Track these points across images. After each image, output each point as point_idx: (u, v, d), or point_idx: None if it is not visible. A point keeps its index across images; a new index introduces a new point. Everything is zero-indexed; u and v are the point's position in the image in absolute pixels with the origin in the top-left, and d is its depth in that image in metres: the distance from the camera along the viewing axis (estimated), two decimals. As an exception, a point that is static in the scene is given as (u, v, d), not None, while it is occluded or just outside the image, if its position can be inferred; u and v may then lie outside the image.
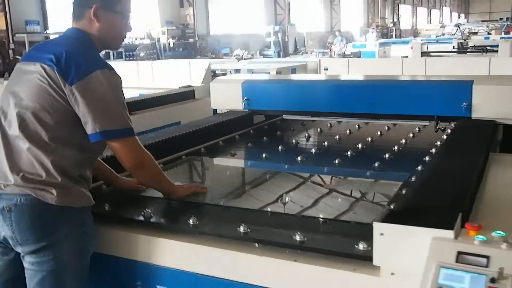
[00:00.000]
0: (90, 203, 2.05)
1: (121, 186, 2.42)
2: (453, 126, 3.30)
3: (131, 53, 17.91)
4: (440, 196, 1.93)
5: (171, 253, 2.05)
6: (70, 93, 1.93)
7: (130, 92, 6.00)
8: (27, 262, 1.96)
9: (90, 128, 1.96)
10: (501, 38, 14.40)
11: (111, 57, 15.58)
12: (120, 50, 16.48)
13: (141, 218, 2.16)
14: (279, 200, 2.36)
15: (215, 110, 4.31)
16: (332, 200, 2.26)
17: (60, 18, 15.16)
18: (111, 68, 2.04)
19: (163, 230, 2.10)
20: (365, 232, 1.73)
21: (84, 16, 2.10)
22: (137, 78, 6.74)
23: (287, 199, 2.35)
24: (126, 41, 17.92)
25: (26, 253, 1.95)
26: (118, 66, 7.76)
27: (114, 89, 2.02)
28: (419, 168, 2.65)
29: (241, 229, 1.94)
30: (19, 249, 1.95)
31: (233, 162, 3.31)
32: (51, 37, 14.90)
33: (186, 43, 21.11)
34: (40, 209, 1.91)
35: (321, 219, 2.04)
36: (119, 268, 2.17)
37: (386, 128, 3.83)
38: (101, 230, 2.15)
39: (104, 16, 2.10)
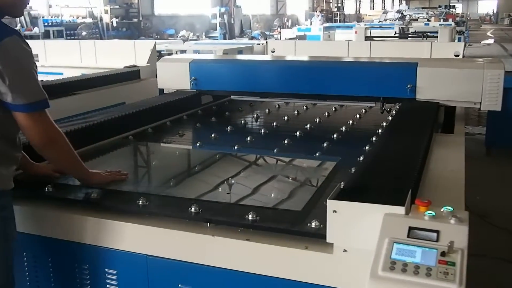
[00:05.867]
0: (9, 186, 1.88)
1: (35, 172, 2.20)
2: (398, 107, 3.37)
3: (72, 32, 17.27)
4: (389, 174, 1.96)
5: (120, 235, 1.99)
6: None
7: (72, 72, 5.78)
8: None
9: (8, 98, 1.77)
10: (440, 24, 14.84)
11: (51, 36, 14.96)
12: (60, 28, 15.88)
13: (88, 199, 2.09)
14: (228, 181, 2.33)
15: (161, 90, 4.22)
16: (281, 180, 2.26)
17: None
18: (20, 35, 1.83)
19: (111, 212, 2.04)
20: (315, 211, 1.74)
21: None
22: (79, 58, 6.51)
23: (237, 178, 2.33)
24: (67, 18, 17.39)
25: None
26: (58, 45, 7.52)
27: (27, 56, 1.82)
28: (367, 148, 2.70)
29: (192, 209, 1.91)
30: None
31: (181, 142, 3.25)
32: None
33: (130, 23, 20.58)
34: None
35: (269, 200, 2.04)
36: (64, 251, 2.09)
37: (334, 109, 3.87)
38: (45, 213, 2.06)
39: None
